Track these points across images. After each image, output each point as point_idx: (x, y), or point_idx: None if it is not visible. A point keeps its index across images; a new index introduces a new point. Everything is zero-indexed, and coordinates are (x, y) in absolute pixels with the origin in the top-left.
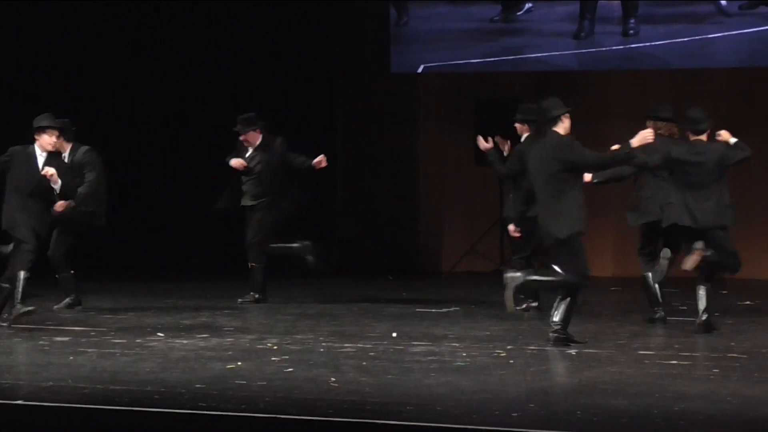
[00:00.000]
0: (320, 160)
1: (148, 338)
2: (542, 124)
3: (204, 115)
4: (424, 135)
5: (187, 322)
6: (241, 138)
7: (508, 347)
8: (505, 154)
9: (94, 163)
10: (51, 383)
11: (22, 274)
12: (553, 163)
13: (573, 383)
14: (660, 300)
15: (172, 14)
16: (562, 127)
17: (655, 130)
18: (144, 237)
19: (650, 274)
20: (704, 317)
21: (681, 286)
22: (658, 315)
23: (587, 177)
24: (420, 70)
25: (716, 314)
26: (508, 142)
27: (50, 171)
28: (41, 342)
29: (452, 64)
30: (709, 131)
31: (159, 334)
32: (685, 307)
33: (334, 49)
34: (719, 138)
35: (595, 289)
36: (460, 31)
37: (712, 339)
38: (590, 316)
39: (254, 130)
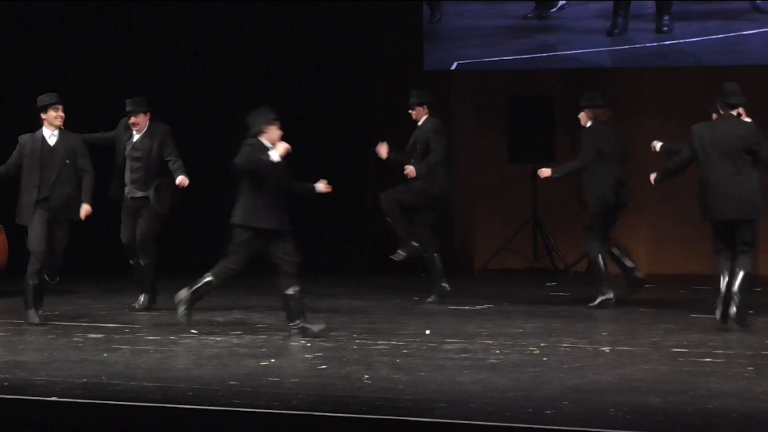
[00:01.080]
0: (181, 181)
1: (181, 335)
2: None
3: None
4: (457, 132)
5: (220, 319)
6: (131, 121)
7: (542, 344)
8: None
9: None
10: (85, 380)
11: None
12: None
13: (606, 380)
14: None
15: (211, 13)
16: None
17: (595, 117)
18: (180, 234)
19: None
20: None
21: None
22: None
23: (546, 172)
24: (453, 67)
25: (750, 312)
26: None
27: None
28: (75, 339)
29: (485, 62)
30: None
31: (192, 331)
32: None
33: (368, 47)
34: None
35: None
36: (494, 29)
37: (747, 337)
38: (624, 313)
39: (144, 113)
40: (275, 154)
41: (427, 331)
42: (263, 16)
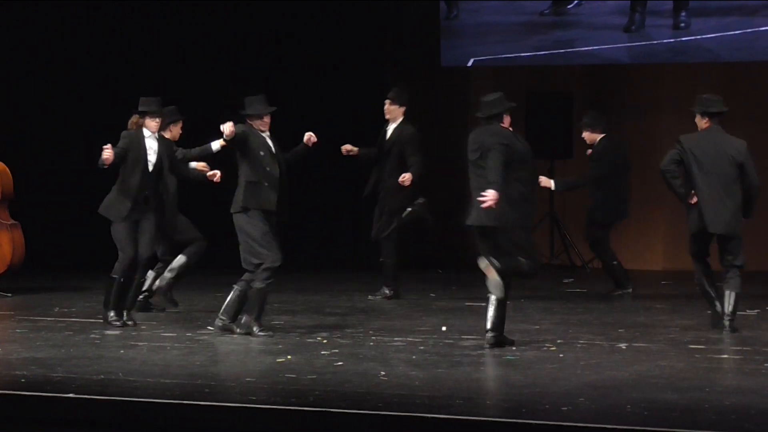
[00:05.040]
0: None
1: (198, 332)
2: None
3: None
4: (475, 128)
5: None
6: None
7: (558, 341)
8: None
9: None
10: (102, 376)
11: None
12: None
13: (623, 377)
14: None
15: (228, 12)
16: None
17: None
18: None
19: None
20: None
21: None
22: None
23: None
24: (470, 63)
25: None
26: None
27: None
28: (92, 335)
29: (502, 58)
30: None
31: (209, 327)
32: None
33: (385, 43)
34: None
35: (646, 283)
36: (511, 25)
37: (763, 333)
38: (641, 310)
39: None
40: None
41: (444, 328)
42: (282, 15)
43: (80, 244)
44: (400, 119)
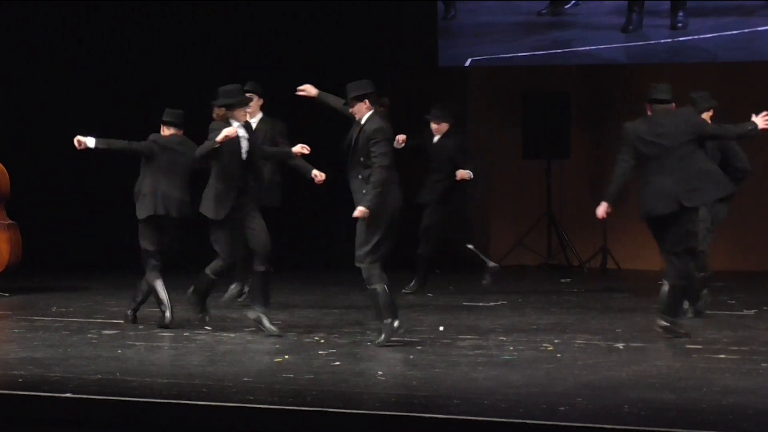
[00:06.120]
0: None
1: (195, 332)
2: None
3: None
4: (471, 128)
5: (234, 315)
6: None
7: (556, 341)
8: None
9: None
10: (99, 376)
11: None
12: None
13: (620, 377)
14: None
15: (224, 12)
16: None
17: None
18: (194, 231)
19: None
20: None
21: (729, 280)
22: None
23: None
24: (468, 63)
25: (765, 308)
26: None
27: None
28: (90, 335)
29: (500, 58)
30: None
31: (206, 327)
32: (733, 301)
33: (383, 43)
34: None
35: (643, 283)
36: (508, 25)
37: (761, 333)
38: (638, 309)
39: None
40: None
41: (441, 328)
42: (280, 15)
43: (77, 243)
44: (368, 113)
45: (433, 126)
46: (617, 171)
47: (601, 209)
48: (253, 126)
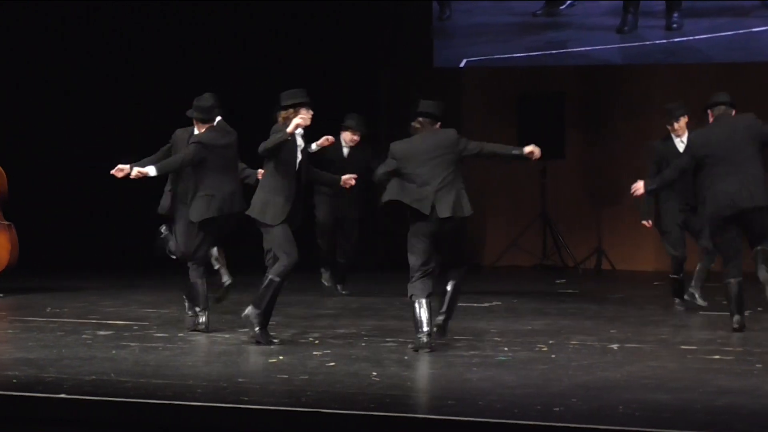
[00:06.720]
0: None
1: (190, 332)
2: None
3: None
4: (467, 129)
5: (229, 316)
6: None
7: (550, 342)
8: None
9: None
10: (94, 377)
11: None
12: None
13: (615, 378)
14: None
15: (217, 12)
16: None
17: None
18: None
19: None
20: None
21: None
22: None
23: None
24: (463, 64)
25: (759, 309)
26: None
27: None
28: (84, 336)
29: (495, 58)
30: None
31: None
32: (726, 302)
33: (378, 44)
34: None
35: (638, 283)
36: (503, 25)
37: (755, 334)
38: (632, 310)
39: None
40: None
41: (434, 329)
42: (276, 16)
43: (72, 244)
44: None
45: (348, 136)
46: (672, 175)
47: (640, 186)
48: None
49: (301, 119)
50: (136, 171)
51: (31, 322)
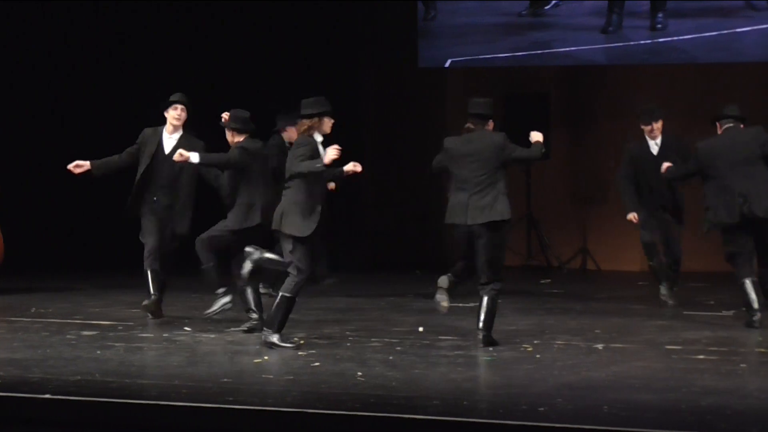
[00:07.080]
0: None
1: (175, 332)
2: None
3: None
4: (452, 129)
5: (214, 316)
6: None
7: (535, 342)
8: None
9: None
10: (79, 377)
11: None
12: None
13: (600, 378)
14: None
15: (202, 13)
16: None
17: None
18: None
19: None
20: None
21: (708, 281)
22: None
23: None
24: (447, 64)
25: (744, 309)
26: None
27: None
28: (69, 336)
29: (480, 59)
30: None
31: (186, 328)
32: (712, 302)
33: (362, 44)
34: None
35: (623, 283)
36: (488, 26)
37: (739, 334)
38: (617, 310)
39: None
40: None
41: (420, 329)
42: (257, 15)
43: (57, 245)
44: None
45: (289, 133)
46: (683, 172)
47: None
48: (173, 143)
49: (336, 151)
50: (185, 154)
51: (16, 323)
